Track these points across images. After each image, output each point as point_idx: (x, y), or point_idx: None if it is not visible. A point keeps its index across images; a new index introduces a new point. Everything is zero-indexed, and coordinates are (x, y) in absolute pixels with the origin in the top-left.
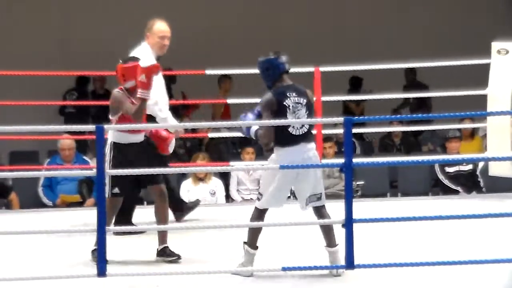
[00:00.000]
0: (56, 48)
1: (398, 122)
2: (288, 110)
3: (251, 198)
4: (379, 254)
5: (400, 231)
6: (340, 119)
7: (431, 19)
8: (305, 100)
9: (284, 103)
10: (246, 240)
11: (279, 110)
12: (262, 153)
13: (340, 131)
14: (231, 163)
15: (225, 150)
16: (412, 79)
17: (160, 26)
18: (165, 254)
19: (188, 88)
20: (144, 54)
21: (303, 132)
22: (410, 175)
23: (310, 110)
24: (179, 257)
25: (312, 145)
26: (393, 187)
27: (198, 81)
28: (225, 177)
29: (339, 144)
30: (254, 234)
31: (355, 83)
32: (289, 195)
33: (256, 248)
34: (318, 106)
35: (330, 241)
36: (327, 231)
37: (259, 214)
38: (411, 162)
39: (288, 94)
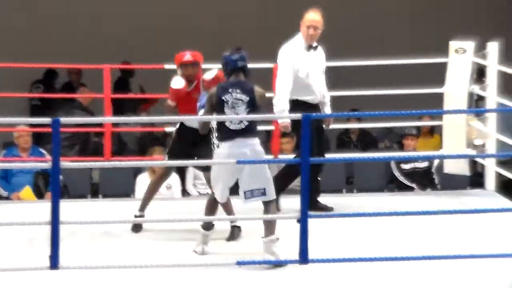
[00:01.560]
0: (24, 40)
1: (356, 119)
2: (226, 105)
3: (207, 193)
4: (333, 249)
5: (355, 227)
6: (298, 115)
7: (391, 18)
8: (247, 98)
9: (223, 98)
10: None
11: (218, 104)
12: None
13: None
14: None
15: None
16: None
17: (308, 16)
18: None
19: (148, 82)
20: (294, 43)
21: (241, 128)
22: (366, 172)
23: (253, 107)
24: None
25: (252, 140)
26: (349, 183)
27: (158, 75)
28: (181, 171)
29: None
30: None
31: None
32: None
33: (209, 229)
34: None
35: (267, 233)
36: (268, 223)
37: (210, 202)
38: (367, 158)
39: (230, 90)
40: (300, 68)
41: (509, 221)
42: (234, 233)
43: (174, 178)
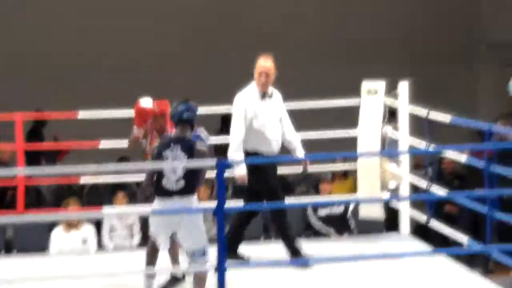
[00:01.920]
0: None
1: None
2: (166, 161)
3: (124, 245)
4: None
5: (272, 275)
6: (213, 162)
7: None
8: (186, 156)
9: (163, 153)
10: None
11: (158, 159)
12: (135, 198)
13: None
14: (104, 208)
15: (99, 195)
16: None
17: (259, 62)
18: None
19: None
20: (248, 92)
21: (178, 188)
22: None
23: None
24: None
25: (188, 200)
26: (266, 231)
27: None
28: (97, 224)
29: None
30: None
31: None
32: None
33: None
34: None
35: None
36: (198, 280)
37: (150, 249)
38: (282, 205)
39: (171, 145)
40: (254, 118)
41: (424, 265)
42: (170, 283)
43: (89, 231)
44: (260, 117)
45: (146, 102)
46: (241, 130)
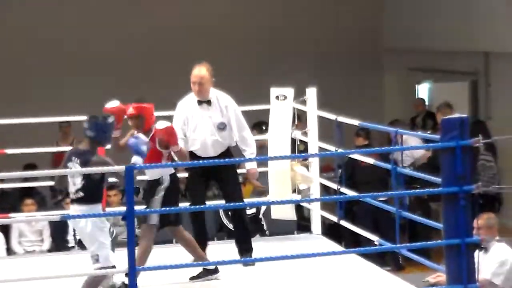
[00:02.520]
0: None
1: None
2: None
3: (34, 250)
4: None
5: (183, 278)
6: (122, 167)
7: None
8: (81, 168)
9: (67, 164)
10: None
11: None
12: (44, 204)
13: None
14: (11, 214)
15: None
16: None
17: (193, 71)
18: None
19: None
20: (188, 98)
21: (77, 197)
22: None
23: (88, 178)
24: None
25: (86, 207)
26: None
27: None
28: (5, 229)
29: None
30: None
31: None
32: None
33: None
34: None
35: None
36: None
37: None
38: (194, 208)
39: (73, 158)
40: (189, 122)
41: (336, 264)
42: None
43: None
44: (194, 123)
45: (112, 104)
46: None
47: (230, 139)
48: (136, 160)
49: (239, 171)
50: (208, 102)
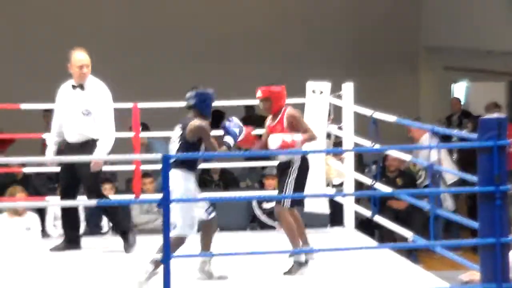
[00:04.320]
0: None
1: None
2: (171, 140)
3: None
4: None
5: (219, 265)
6: (158, 156)
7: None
8: (180, 132)
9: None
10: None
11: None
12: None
13: None
14: (47, 198)
15: (41, 184)
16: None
17: (78, 56)
18: None
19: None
20: (67, 82)
21: (172, 162)
22: (228, 211)
23: (184, 144)
24: None
25: (173, 173)
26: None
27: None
28: (41, 211)
29: None
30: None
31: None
32: None
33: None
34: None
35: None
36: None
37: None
38: (228, 198)
39: (176, 127)
40: (60, 106)
41: (368, 258)
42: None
43: (33, 219)
44: (63, 106)
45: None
46: (55, 117)
47: (93, 128)
48: (228, 140)
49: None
50: (81, 87)
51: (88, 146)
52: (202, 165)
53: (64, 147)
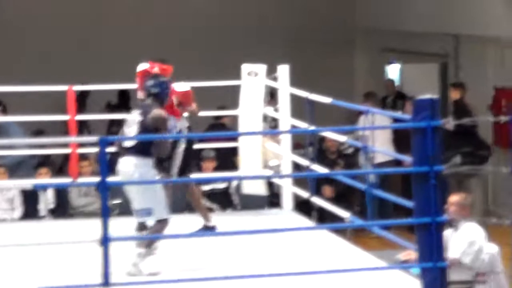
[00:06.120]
0: None
1: None
2: (125, 123)
3: (4, 218)
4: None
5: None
6: (95, 138)
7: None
8: (140, 119)
9: (127, 117)
10: None
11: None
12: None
13: None
14: None
15: None
16: None
17: None
18: None
19: None
20: None
21: (128, 146)
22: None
23: (143, 129)
24: None
25: (128, 159)
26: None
27: None
28: None
29: None
30: None
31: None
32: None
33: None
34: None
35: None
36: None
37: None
38: (165, 181)
39: (134, 110)
40: None
41: (306, 239)
42: None
43: None
44: None
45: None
46: None
47: None
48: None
49: None
50: None
51: None
52: None
53: None
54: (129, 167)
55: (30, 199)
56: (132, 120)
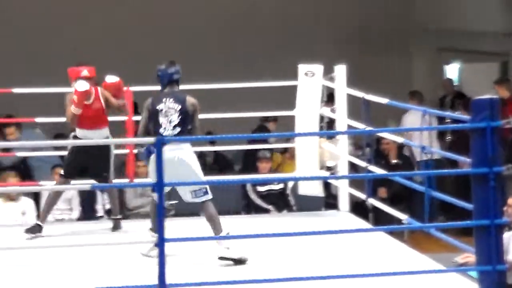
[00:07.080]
0: None
1: (210, 142)
2: (160, 113)
3: (63, 218)
4: (192, 273)
5: (212, 250)
6: (152, 139)
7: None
8: (180, 106)
9: (157, 107)
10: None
11: (153, 112)
12: None
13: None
14: (41, 182)
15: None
16: None
17: None
18: None
19: None
20: None
21: (174, 134)
22: (222, 194)
23: (185, 115)
24: None
25: (183, 145)
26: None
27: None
28: (36, 196)
29: None
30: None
31: None
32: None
33: None
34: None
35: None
36: (212, 222)
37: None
38: (221, 181)
39: (164, 99)
40: None
41: (363, 241)
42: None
43: (28, 203)
44: None
45: (82, 86)
46: None
47: None
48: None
49: None
50: None
51: None
52: (195, 149)
53: None
54: (183, 152)
55: (88, 199)
56: (171, 109)
